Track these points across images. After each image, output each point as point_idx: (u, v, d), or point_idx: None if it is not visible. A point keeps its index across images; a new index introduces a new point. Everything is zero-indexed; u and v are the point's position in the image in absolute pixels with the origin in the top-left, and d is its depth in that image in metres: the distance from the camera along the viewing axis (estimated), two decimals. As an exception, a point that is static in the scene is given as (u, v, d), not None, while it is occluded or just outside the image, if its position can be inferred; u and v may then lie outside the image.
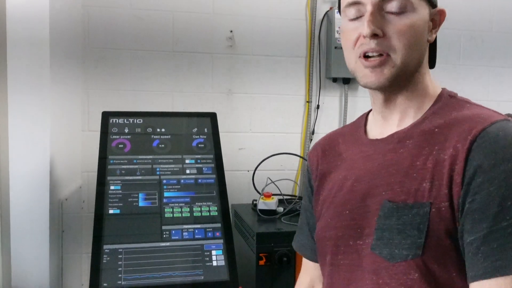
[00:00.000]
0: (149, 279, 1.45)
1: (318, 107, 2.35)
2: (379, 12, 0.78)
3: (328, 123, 2.37)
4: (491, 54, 2.53)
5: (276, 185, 2.00)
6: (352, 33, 0.81)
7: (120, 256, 1.48)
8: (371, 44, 0.78)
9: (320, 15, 2.33)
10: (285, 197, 2.06)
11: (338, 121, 2.39)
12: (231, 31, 2.27)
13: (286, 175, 2.31)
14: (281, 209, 1.90)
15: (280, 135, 2.34)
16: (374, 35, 0.77)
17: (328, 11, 2.33)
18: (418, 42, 0.80)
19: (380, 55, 0.78)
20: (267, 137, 2.33)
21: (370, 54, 0.79)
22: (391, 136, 0.84)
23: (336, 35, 2.26)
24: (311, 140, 2.35)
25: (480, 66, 2.52)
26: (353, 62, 0.83)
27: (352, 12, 0.81)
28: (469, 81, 2.50)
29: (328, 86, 2.36)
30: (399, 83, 0.82)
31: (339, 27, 2.28)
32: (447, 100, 0.84)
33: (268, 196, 1.90)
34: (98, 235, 1.52)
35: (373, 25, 0.77)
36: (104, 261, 1.47)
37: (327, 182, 0.94)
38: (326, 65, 2.33)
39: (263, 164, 2.07)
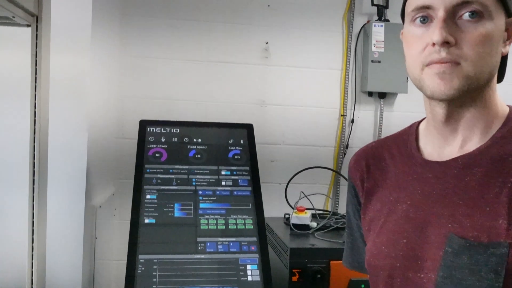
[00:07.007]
0: (183, 291, 1.43)
1: (352, 121, 2.31)
2: (452, 18, 0.71)
3: (362, 137, 2.33)
4: None
5: (309, 199, 1.97)
6: (419, 39, 0.74)
7: (154, 267, 1.47)
8: (441, 53, 0.71)
9: (357, 28, 2.31)
10: (317, 211, 2.02)
11: (372, 136, 2.34)
12: (267, 42, 2.26)
13: (318, 189, 2.27)
14: (314, 224, 1.86)
15: (313, 148, 2.31)
16: (445, 43, 0.70)
17: (365, 24, 2.30)
18: (492, 53, 0.72)
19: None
20: (300, 150, 2.30)
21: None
22: (454, 160, 0.76)
23: (373, 49, 2.23)
24: (345, 154, 2.31)
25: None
26: (418, 69, 0.75)
27: (420, 16, 0.74)
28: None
29: (364, 100, 2.33)
30: (468, 97, 0.75)
31: (376, 41, 2.25)
32: None
33: (302, 210, 1.86)
34: (133, 244, 1.51)
35: (445, 32, 0.70)
36: (138, 271, 1.46)
37: (374, 200, 0.88)
38: (361, 78, 2.29)
39: (294, 177, 2.04)
